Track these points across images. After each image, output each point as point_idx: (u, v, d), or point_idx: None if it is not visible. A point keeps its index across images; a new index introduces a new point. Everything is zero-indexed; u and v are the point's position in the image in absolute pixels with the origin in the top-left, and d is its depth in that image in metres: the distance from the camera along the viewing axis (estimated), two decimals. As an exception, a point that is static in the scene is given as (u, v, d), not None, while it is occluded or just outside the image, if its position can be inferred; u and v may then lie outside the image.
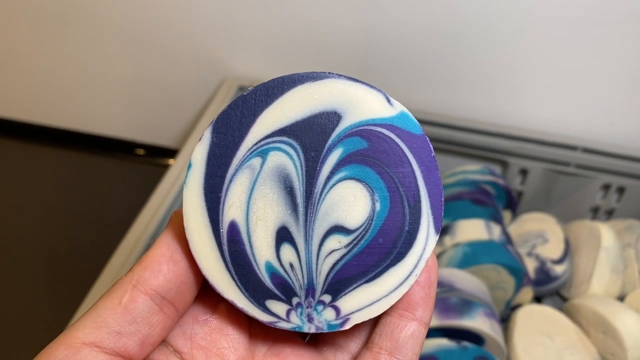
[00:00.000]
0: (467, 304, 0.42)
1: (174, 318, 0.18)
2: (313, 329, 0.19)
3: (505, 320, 0.49)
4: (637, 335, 0.42)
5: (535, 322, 0.45)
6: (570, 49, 0.52)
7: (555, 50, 0.53)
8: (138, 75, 0.65)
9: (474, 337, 0.41)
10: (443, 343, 0.40)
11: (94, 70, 0.67)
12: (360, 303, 0.19)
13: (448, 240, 0.48)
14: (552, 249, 0.52)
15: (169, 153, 0.71)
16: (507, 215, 0.57)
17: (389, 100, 0.19)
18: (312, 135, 0.18)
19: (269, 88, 0.18)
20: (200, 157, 0.18)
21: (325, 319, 0.19)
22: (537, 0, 0.50)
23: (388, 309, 0.19)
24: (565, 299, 0.52)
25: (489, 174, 0.54)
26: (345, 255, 0.19)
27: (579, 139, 0.55)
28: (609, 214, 0.58)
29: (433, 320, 0.41)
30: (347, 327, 0.19)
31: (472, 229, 0.48)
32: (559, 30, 0.51)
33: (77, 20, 0.62)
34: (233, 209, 0.18)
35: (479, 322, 0.41)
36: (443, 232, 0.49)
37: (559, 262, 0.51)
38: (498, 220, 0.50)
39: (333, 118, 0.18)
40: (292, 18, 0.56)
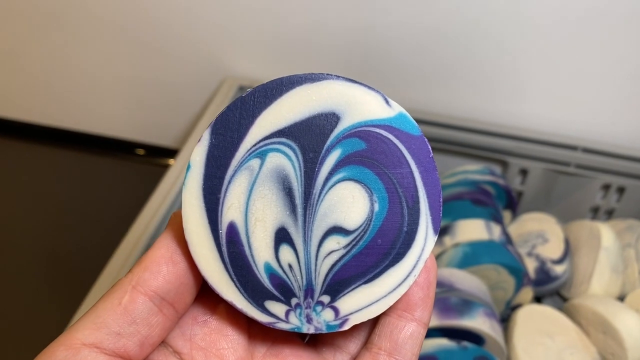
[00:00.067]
0: (467, 304, 0.42)
1: (174, 319, 0.18)
2: (312, 330, 0.19)
3: (506, 320, 0.49)
4: (637, 335, 0.42)
5: (536, 322, 0.45)
6: (571, 49, 0.52)
7: (556, 50, 0.52)
8: (138, 75, 0.65)
9: (474, 337, 0.41)
10: (443, 343, 0.40)
11: (95, 70, 0.67)
12: (359, 304, 0.19)
13: (448, 240, 0.48)
14: (552, 249, 0.52)
15: (169, 153, 0.72)
16: (507, 215, 0.57)
17: (387, 102, 0.19)
18: (310, 137, 0.18)
19: (268, 89, 0.18)
20: (199, 158, 0.18)
21: (324, 320, 0.19)
22: (537, 1, 0.50)
23: (387, 310, 0.19)
24: (566, 299, 0.52)
25: (489, 174, 0.54)
26: (344, 256, 0.19)
27: (579, 139, 0.55)
28: (609, 214, 0.58)
29: (433, 320, 0.41)
30: (346, 327, 0.19)
31: (472, 229, 0.48)
32: (559, 30, 0.51)
33: (77, 20, 0.62)
34: (232, 210, 0.18)
35: (479, 322, 0.41)
36: (443, 232, 0.49)
37: (559, 262, 0.51)
38: (498, 220, 0.50)
39: (331, 119, 0.18)
40: (292, 18, 0.56)
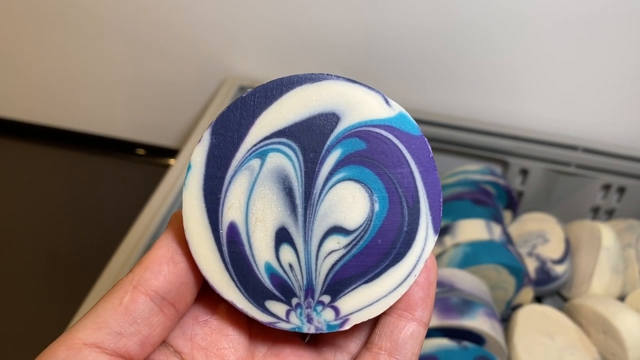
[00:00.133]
0: (467, 304, 0.42)
1: (174, 319, 0.19)
2: (312, 330, 0.19)
3: (506, 320, 0.49)
4: (637, 335, 0.42)
5: (536, 322, 0.45)
6: (571, 49, 0.52)
7: (556, 50, 0.52)
8: (139, 75, 0.65)
9: (475, 337, 0.41)
10: (444, 343, 0.40)
11: (95, 70, 0.67)
12: (360, 303, 0.19)
13: (448, 240, 0.48)
14: (552, 249, 0.52)
15: (170, 153, 0.72)
16: (507, 215, 0.57)
17: (387, 102, 0.19)
18: (310, 137, 0.18)
19: (268, 90, 0.18)
20: (200, 158, 0.18)
21: (325, 320, 0.19)
22: (537, 1, 0.50)
23: (387, 310, 0.19)
24: (566, 299, 0.52)
25: (490, 174, 0.54)
26: (345, 256, 0.19)
27: (580, 139, 0.55)
28: (610, 214, 0.58)
29: (433, 320, 0.41)
30: (346, 327, 0.19)
31: (472, 229, 0.48)
32: (560, 31, 0.51)
33: (78, 20, 0.62)
34: (232, 210, 0.18)
35: (480, 322, 0.41)
36: (443, 232, 0.49)
37: (560, 262, 0.51)
38: (498, 220, 0.50)
39: (331, 119, 0.18)
40: (292, 19, 0.56)
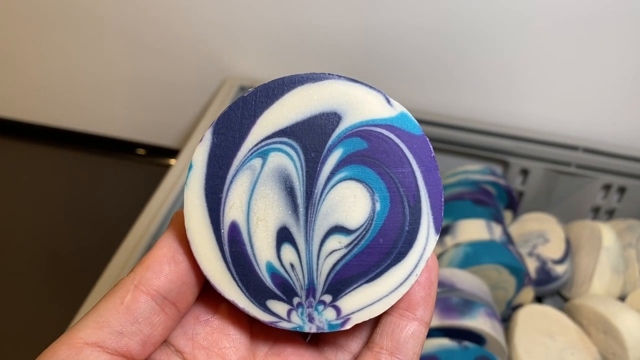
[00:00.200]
0: (468, 304, 0.42)
1: (176, 318, 0.19)
2: (314, 329, 0.19)
3: (507, 320, 0.49)
4: (638, 335, 0.42)
5: (536, 322, 0.45)
6: (571, 49, 0.52)
7: (556, 50, 0.52)
8: (139, 75, 0.65)
9: (475, 337, 0.41)
10: (444, 343, 0.40)
11: (95, 70, 0.67)
12: (361, 303, 0.19)
13: (449, 240, 0.48)
14: (553, 249, 0.52)
15: (170, 153, 0.72)
16: (508, 215, 0.57)
17: (389, 101, 0.19)
18: (312, 136, 0.18)
19: (269, 89, 0.18)
20: (201, 158, 0.18)
21: (326, 319, 0.19)
22: (538, 1, 0.50)
23: (389, 309, 0.19)
24: (566, 299, 0.52)
25: (490, 174, 0.54)
26: (346, 256, 0.19)
27: (580, 139, 0.55)
28: (610, 214, 0.58)
29: (434, 320, 0.41)
30: (347, 327, 0.19)
31: (473, 229, 0.48)
32: (560, 31, 0.51)
33: (77, 20, 0.62)
34: (234, 210, 0.18)
35: (480, 322, 0.41)
36: (444, 232, 0.49)
37: (560, 262, 0.51)
38: (499, 220, 0.50)
39: (333, 119, 0.18)
40: (292, 19, 0.56)
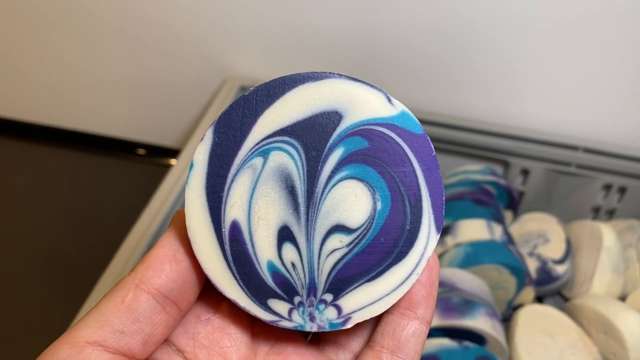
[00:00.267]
0: (468, 304, 0.42)
1: (177, 317, 0.19)
2: (315, 328, 0.19)
3: (507, 320, 0.49)
4: (638, 336, 0.42)
5: (537, 322, 0.45)
6: (572, 49, 0.52)
7: (557, 50, 0.53)
8: (139, 75, 0.65)
9: (476, 337, 0.41)
10: (445, 343, 0.40)
11: (96, 70, 0.67)
12: (362, 302, 0.19)
13: (449, 240, 0.48)
14: (553, 249, 0.52)
15: (171, 153, 0.72)
16: (508, 215, 0.57)
17: (390, 100, 0.19)
18: (313, 135, 0.18)
19: (270, 88, 0.18)
20: (202, 157, 0.18)
21: (327, 318, 0.19)
22: (538, 1, 0.50)
23: (390, 308, 0.19)
24: (567, 299, 0.52)
25: (491, 174, 0.54)
26: (347, 255, 0.19)
27: (580, 139, 0.55)
28: (610, 214, 0.58)
29: (435, 320, 0.41)
30: (348, 325, 0.19)
31: (473, 229, 0.48)
32: (560, 30, 0.51)
33: (77, 20, 0.62)
34: (235, 209, 0.18)
35: (481, 322, 0.41)
36: (444, 232, 0.49)
37: (561, 262, 0.51)
38: (499, 220, 0.50)
39: (334, 118, 0.18)
40: (293, 18, 0.56)
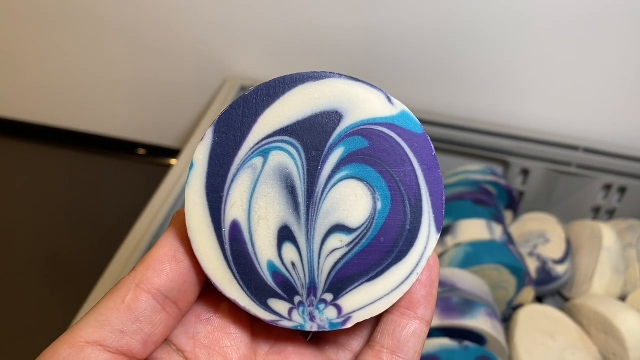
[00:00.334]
0: (468, 304, 0.42)
1: (177, 317, 0.19)
2: (315, 328, 0.19)
3: (507, 320, 0.49)
4: (638, 336, 0.42)
5: (537, 322, 0.45)
6: (572, 49, 0.52)
7: (557, 50, 0.53)
8: (140, 75, 0.66)
9: (476, 337, 0.41)
10: (445, 343, 0.40)
11: (96, 70, 0.67)
12: (362, 302, 0.19)
13: (449, 240, 0.48)
14: (553, 249, 0.52)
15: (171, 153, 0.72)
16: (508, 215, 0.57)
17: (390, 100, 0.19)
18: (313, 135, 0.18)
19: (270, 88, 0.18)
20: (202, 157, 0.18)
21: (327, 318, 0.19)
22: (538, 1, 0.50)
23: (390, 308, 0.19)
24: (567, 299, 0.52)
25: (491, 174, 0.54)
26: (347, 254, 0.19)
27: (581, 139, 0.55)
28: (611, 214, 0.58)
29: (435, 320, 0.41)
30: (348, 325, 0.19)
31: (473, 229, 0.48)
32: (560, 30, 0.51)
33: (77, 20, 0.62)
34: (235, 209, 0.18)
35: (481, 322, 0.41)
36: (444, 232, 0.49)
37: (561, 262, 0.51)
38: (499, 220, 0.50)
39: (334, 117, 0.18)
40: (293, 19, 0.56)
